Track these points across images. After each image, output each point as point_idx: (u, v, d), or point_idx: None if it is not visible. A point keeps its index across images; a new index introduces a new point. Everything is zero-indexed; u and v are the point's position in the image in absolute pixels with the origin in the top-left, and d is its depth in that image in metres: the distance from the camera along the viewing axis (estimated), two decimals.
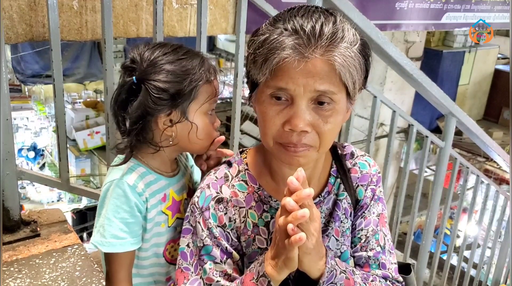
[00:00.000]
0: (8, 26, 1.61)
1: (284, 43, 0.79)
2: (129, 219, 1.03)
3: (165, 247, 1.13)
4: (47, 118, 7.19)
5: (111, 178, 1.05)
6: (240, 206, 0.95)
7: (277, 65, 0.79)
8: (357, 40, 0.82)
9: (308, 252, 0.80)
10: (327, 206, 0.99)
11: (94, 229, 1.06)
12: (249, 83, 0.89)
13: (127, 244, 1.04)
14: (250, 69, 0.86)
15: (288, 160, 0.86)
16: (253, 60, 0.84)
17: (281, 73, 0.80)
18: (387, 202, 6.07)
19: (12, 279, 1.51)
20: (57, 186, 1.87)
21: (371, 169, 1.03)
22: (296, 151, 0.84)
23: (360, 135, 5.23)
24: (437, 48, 8.63)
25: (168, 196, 1.11)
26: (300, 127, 0.81)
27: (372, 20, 1.90)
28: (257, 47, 0.83)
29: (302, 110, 0.81)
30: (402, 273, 1.09)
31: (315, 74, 0.79)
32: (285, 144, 0.85)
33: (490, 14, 4.39)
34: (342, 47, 0.80)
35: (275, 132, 0.85)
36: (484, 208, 3.17)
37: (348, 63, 0.80)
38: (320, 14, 0.82)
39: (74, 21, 1.71)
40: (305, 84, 0.80)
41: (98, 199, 1.08)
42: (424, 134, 2.42)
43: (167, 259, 1.14)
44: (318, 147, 0.86)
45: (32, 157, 6.96)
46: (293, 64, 0.78)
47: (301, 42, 0.78)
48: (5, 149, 1.62)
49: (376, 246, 1.00)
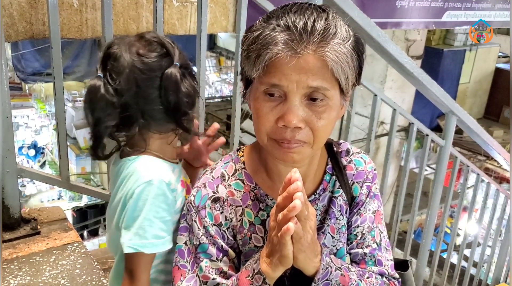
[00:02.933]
0: (8, 24, 1.61)
1: (276, 38, 0.79)
2: (167, 217, 1.02)
3: None
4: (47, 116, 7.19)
5: (145, 179, 1.00)
6: (236, 205, 0.96)
7: (270, 60, 0.80)
8: (350, 36, 0.83)
9: (303, 249, 0.81)
10: (322, 203, 0.99)
11: (125, 231, 1.01)
12: (243, 79, 0.90)
13: (167, 243, 1.03)
14: (244, 65, 0.86)
15: (282, 157, 0.87)
16: (247, 56, 0.84)
17: (274, 69, 0.80)
18: (387, 200, 6.07)
19: (13, 276, 1.52)
20: (58, 184, 1.87)
21: (367, 166, 1.03)
22: (290, 147, 0.85)
23: (360, 133, 5.23)
24: (437, 46, 8.62)
25: (184, 182, 1.12)
26: (294, 123, 0.82)
27: (372, 18, 1.89)
28: (250, 43, 0.83)
29: (296, 106, 0.82)
30: (399, 270, 1.09)
31: (308, 70, 0.80)
32: (279, 140, 0.85)
33: (491, 13, 4.39)
34: (334, 43, 0.80)
35: (269, 129, 0.85)
36: (484, 207, 3.17)
37: (340, 59, 0.80)
38: (313, 10, 0.82)
39: (74, 19, 1.71)
40: (298, 80, 0.80)
41: (97, 198, 1.05)
42: (425, 133, 2.42)
43: None
44: (312, 143, 0.86)
45: (32, 155, 6.97)
46: (286, 60, 0.79)
47: (293, 38, 0.79)
48: (5, 147, 1.62)
49: (372, 243, 1.00)
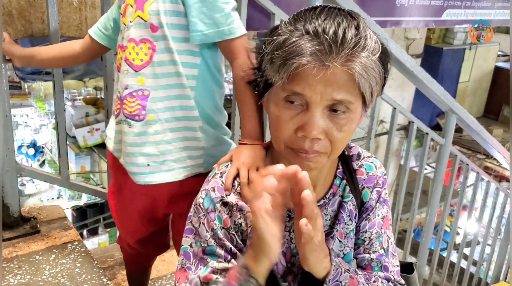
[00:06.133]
0: (7, 22, 1.60)
1: (304, 47, 0.76)
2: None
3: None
4: (47, 115, 7.17)
5: None
6: (246, 211, 0.94)
7: (296, 70, 0.77)
8: (378, 48, 0.80)
9: (315, 248, 0.79)
10: (332, 208, 0.98)
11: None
12: (262, 81, 0.88)
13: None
14: (266, 68, 0.84)
15: (298, 165, 0.85)
16: (270, 61, 0.81)
17: (299, 78, 0.78)
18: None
19: (12, 275, 1.51)
20: (57, 182, 1.87)
21: (377, 171, 1.02)
22: (307, 157, 0.83)
23: (360, 132, 5.20)
24: (437, 45, 8.62)
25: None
26: (314, 134, 0.80)
27: (372, 16, 1.89)
28: (275, 48, 0.80)
29: (317, 117, 0.80)
30: (404, 273, 1.08)
31: (334, 82, 0.77)
32: (296, 149, 0.84)
33: (491, 11, 4.39)
34: (363, 56, 0.77)
35: (287, 138, 0.83)
36: (484, 206, 3.17)
37: (368, 73, 0.78)
38: (343, 18, 0.79)
39: (73, 17, 1.70)
40: (323, 92, 0.78)
41: (96, 197, 1.06)
42: (424, 131, 2.42)
43: None
44: (329, 153, 0.85)
45: (32, 154, 6.95)
46: (312, 71, 0.76)
47: (322, 49, 0.76)
48: (4, 145, 1.62)
49: (379, 248, 0.99)
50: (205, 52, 1.21)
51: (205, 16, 1.15)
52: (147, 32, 1.18)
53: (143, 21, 1.18)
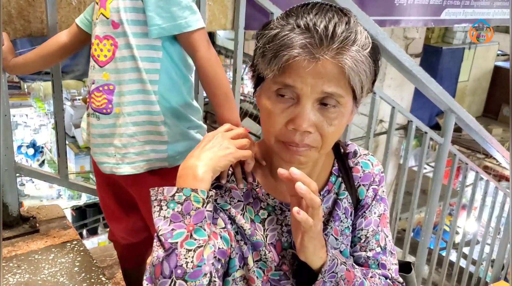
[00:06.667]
0: (6, 22, 1.60)
1: (295, 40, 0.77)
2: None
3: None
4: (46, 115, 7.17)
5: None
6: (238, 200, 0.95)
7: (287, 62, 0.78)
8: (368, 44, 0.81)
9: (314, 236, 0.80)
10: (326, 205, 0.98)
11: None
12: (254, 76, 0.88)
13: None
14: (258, 62, 0.84)
15: (288, 158, 0.86)
16: (262, 54, 0.82)
17: (290, 70, 0.79)
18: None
19: (11, 274, 1.52)
20: (56, 181, 1.88)
21: (374, 169, 1.02)
22: (297, 151, 0.84)
23: (359, 131, 5.22)
24: (436, 44, 8.62)
25: None
26: (304, 127, 0.81)
27: (371, 16, 1.89)
28: (267, 41, 0.81)
29: (308, 110, 0.80)
30: (402, 272, 1.08)
31: (324, 75, 0.78)
32: (287, 142, 0.84)
33: (490, 10, 4.38)
34: (353, 50, 0.78)
35: (278, 131, 0.84)
36: (483, 205, 3.18)
37: (358, 67, 0.79)
38: (334, 13, 0.80)
39: (72, 17, 1.70)
40: (313, 85, 0.79)
41: (96, 196, 1.10)
42: (423, 131, 2.42)
43: None
44: (320, 148, 0.85)
45: (31, 154, 6.95)
46: (303, 63, 0.77)
47: (312, 42, 0.77)
48: (3, 145, 1.62)
49: (376, 246, 0.99)
50: (167, 45, 1.24)
51: (162, 10, 1.18)
52: (109, 29, 1.23)
53: (105, 18, 1.23)
